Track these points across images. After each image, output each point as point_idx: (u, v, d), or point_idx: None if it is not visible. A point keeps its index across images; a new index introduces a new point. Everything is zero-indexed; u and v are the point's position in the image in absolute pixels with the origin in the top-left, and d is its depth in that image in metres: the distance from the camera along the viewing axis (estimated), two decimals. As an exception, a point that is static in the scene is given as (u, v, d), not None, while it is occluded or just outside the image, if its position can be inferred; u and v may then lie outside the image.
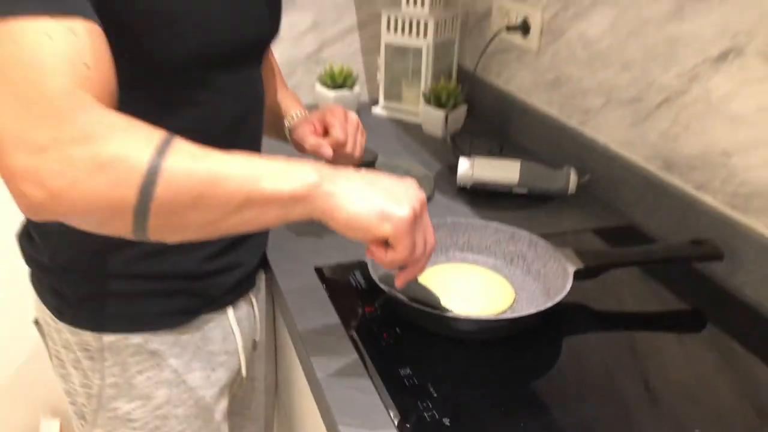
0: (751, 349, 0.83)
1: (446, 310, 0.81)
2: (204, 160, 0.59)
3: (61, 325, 0.84)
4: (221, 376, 0.91)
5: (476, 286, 0.91)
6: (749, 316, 0.91)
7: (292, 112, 1.02)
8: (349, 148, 0.95)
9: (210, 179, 0.58)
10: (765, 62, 0.89)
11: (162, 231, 0.60)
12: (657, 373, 0.79)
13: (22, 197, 0.57)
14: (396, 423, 0.69)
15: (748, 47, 0.91)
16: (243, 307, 0.93)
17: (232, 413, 1.02)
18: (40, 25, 0.57)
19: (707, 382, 0.78)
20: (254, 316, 0.96)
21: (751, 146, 0.93)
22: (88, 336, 0.83)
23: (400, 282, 0.71)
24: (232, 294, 0.90)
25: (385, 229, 0.63)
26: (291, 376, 1.04)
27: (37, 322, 0.93)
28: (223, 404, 0.93)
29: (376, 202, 0.63)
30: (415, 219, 0.65)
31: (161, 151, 0.57)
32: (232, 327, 0.91)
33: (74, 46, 0.58)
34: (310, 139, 0.95)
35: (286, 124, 1.02)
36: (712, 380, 0.78)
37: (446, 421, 0.70)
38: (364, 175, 0.66)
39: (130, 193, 0.56)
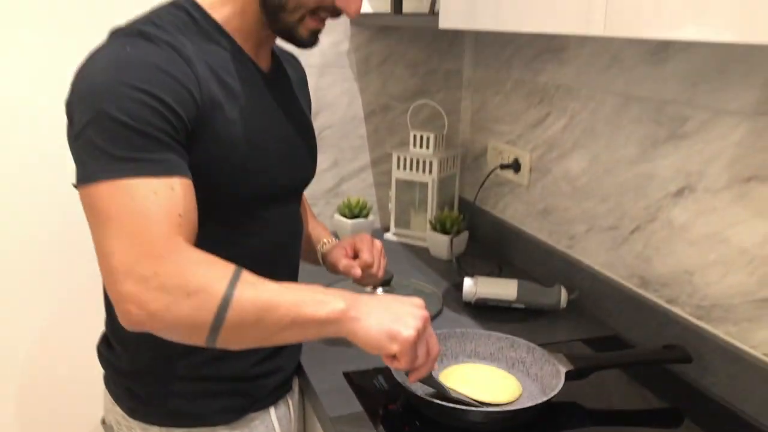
0: None
1: (458, 401, 0.96)
2: (263, 291, 0.79)
3: (133, 423, 0.99)
4: None
5: (489, 379, 1.06)
6: (719, 412, 1.05)
7: (324, 239, 1.22)
8: (374, 269, 1.14)
9: (267, 306, 0.78)
10: (713, 197, 1.09)
11: (228, 342, 0.79)
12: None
13: (126, 314, 0.76)
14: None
15: (699, 184, 1.12)
16: (282, 407, 1.07)
17: None
18: (148, 183, 0.78)
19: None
20: (291, 416, 1.11)
21: (707, 266, 1.12)
22: (156, 431, 0.97)
23: (412, 379, 0.89)
24: (274, 395, 1.05)
25: (393, 348, 0.82)
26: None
27: (104, 422, 1.07)
28: None
29: (387, 326, 0.82)
30: (418, 336, 0.84)
31: (233, 283, 0.77)
32: (274, 424, 1.05)
33: (172, 200, 0.79)
34: (343, 261, 1.14)
35: (320, 249, 1.21)
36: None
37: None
38: (381, 301, 0.86)
39: (208, 316, 0.76)
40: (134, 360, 0.97)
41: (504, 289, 1.36)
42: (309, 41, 0.95)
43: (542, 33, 0.96)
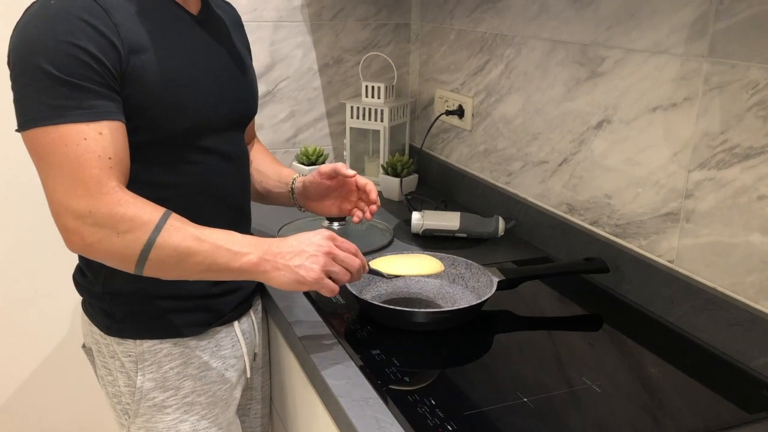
0: (638, 341, 1.11)
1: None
2: (184, 239, 0.93)
3: (110, 339, 1.10)
4: (232, 375, 1.17)
5: (414, 260, 1.18)
6: (633, 315, 1.21)
7: (294, 176, 1.31)
8: (369, 188, 1.24)
9: (186, 252, 0.93)
10: (626, 127, 1.24)
11: (154, 274, 0.95)
12: (566, 357, 1.09)
13: (69, 243, 0.92)
14: (371, 381, 0.97)
15: (614, 117, 1.27)
16: (245, 322, 1.20)
17: (235, 417, 1.27)
18: (78, 130, 0.90)
19: (604, 365, 1.08)
20: (254, 330, 1.23)
21: (622, 188, 1.27)
22: (131, 344, 1.09)
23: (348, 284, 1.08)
24: (237, 311, 1.18)
25: (305, 289, 0.99)
26: (285, 381, 1.30)
27: (84, 346, 1.19)
28: (235, 398, 1.18)
29: (293, 276, 0.97)
30: (323, 270, 0.98)
31: (158, 227, 0.92)
32: (238, 336, 1.18)
33: (101, 144, 0.91)
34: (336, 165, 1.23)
35: (291, 184, 1.29)
36: (608, 364, 1.08)
37: (406, 378, 0.98)
38: (290, 245, 0.98)
39: (134, 254, 0.92)
40: (106, 284, 1.08)
41: (448, 220, 1.50)
42: None
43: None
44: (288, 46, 1.86)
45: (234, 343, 1.17)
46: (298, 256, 0.97)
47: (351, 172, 1.22)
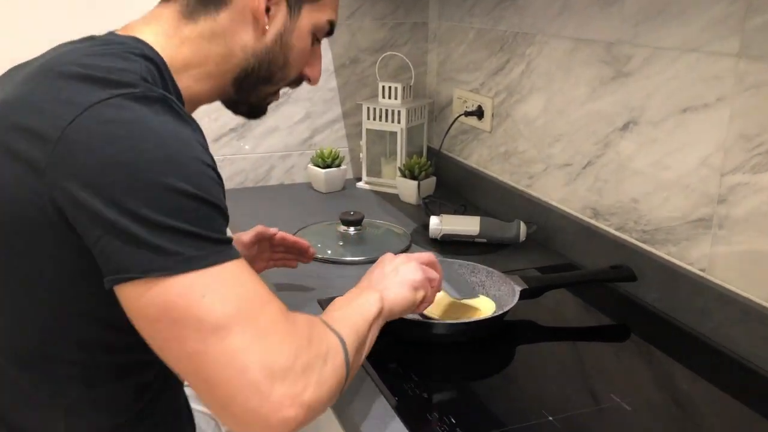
0: (668, 354, 1.06)
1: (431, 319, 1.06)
2: (344, 325, 0.78)
3: None
4: None
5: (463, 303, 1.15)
6: (663, 326, 1.16)
7: None
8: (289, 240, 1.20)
9: (356, 332, 0.79)
10: (654, 128, 1.19)
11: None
12: (592, 371, 1.04)
13: (285, 424, 0.63)
14: (387, 398, 0.93)
15: (641, 118, 1.21)
16: None
17: None
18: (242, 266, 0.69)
19: (629, 374, 1.03)
20: None
21: (650, 192, 1.21)
22: None
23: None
24: None
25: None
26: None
27: None
28: None
29: (412, 299, 0.92)
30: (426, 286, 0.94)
31: (330, 326, 0.75)
32: None
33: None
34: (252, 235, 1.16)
35: None
36: (637, 379, 1.03)
37: (425, 395, 0.93)
38: (390, 273, 0.92)
39: (343, 369, 0.73)
40: None
41: (467, 225, 1.45)
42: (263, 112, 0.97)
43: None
44: (303, 46, 1.82)
45: None
46: (399, 273, 0.93)
47: (273, 230, 1.19)
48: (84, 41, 0.80)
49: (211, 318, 0.62)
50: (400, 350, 1.04)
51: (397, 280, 0.92)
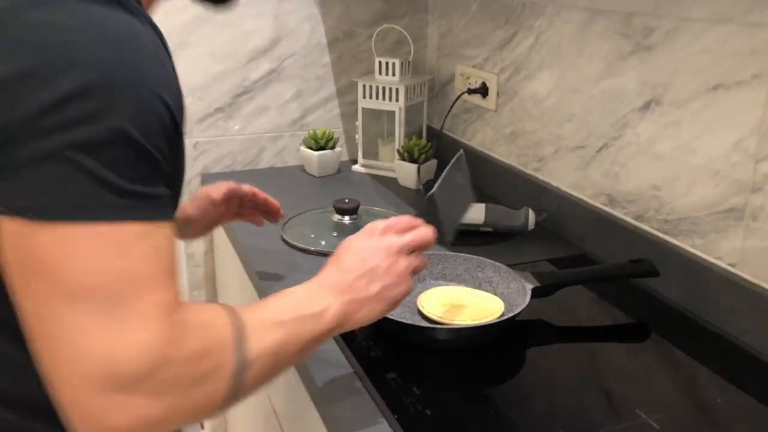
0: (694, 357, 0.96)
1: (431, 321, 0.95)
2: (266, 333, 0.64)
3: None
4: None
5: (471, 301, 1.04)
6: (687, 326, 1.06)
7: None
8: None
9: (277, 350, 0.64)
10: (678, 108, 1.08)
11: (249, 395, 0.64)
12: (612, 378, 0.94)
13: None
14: (385, 416, 0.83)
15: (665, 97, 1.10)
16: None
17: None
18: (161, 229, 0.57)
19: (653, 382, 0.93)
20: None
21: (673, 179, 1.11)
22: None
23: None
24: None
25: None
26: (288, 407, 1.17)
27: None
28: None
29: (386, 305, 0.77)
30: (407, 269, 0.78)
31: (240, 342, 0.60)
32: None
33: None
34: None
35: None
36: (662, 388, 0.93)
37: (427, 411, 0.83)
38: (357, 268, 0.76)
39: (222, 391, 0.59)
40: None
41: (472, 213, 1.34)
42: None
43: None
44: (294, 19, 1.70)
45: None
46: (375, 279, 0.76)
47: (246, 187, 1.11)
48: None
49: (70, 282, 0.51)
50: (400, 357, 0.94)
51: (374, 290, 0.76)
